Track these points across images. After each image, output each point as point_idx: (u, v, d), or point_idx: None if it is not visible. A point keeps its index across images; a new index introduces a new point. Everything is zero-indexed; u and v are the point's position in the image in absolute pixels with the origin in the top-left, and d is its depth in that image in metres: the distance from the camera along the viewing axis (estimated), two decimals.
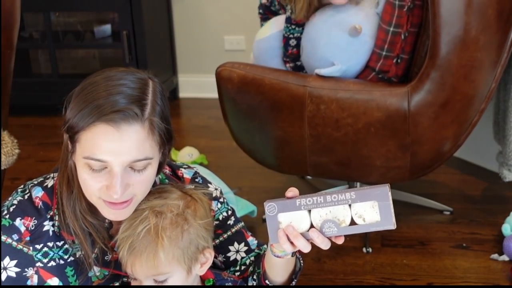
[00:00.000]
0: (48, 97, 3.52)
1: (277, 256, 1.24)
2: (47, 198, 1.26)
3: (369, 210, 1.14)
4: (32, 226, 1.24)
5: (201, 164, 2.81)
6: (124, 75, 1.20)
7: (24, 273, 1.24)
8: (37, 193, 1.26)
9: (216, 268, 1.40)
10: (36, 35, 3.77)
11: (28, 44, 3.80)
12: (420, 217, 2.38)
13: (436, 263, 2.10)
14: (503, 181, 2.34)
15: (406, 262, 2.11)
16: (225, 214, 1.41)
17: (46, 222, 1.25)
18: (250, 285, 1.39)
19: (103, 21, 3.78)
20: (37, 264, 1.25)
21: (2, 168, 1.78)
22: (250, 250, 1.43)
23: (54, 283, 1.25)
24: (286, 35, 2.14)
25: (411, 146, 1.99)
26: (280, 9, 2.28)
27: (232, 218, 1.43)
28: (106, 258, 1.29)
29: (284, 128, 2.06)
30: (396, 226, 1.13)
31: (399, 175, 2.09)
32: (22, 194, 1.27)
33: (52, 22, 3.61)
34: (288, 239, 1.17)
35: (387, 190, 1.14)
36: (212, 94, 2.72)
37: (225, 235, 1.42)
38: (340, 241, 1.17)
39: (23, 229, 1.23)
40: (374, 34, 2.00)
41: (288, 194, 1.18)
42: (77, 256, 1.26)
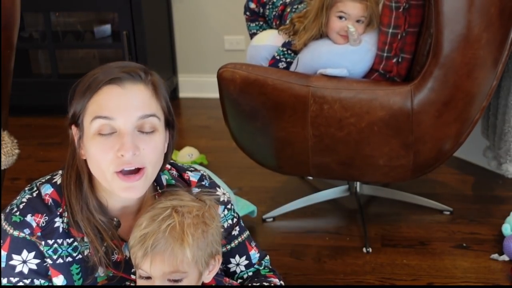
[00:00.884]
0: (48, 97, 3.53)
1: None
2: (57, 195, 1.26)
3: None
4: (43, 223, 1.23)
5: (201, 164, 2.81)
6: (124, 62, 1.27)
7: (45, 264, 1.24)
8: (47, 190, 1.26)
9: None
10: (36, 35, 3.77)
11: (28, 44, 3.79)
12: (420, 217, 2.38)
13: (436, 263, 2.10)
14: (503, 181, 2.34)
15: (406, 262, 2.11)
16: (230, 222, 1.41)
17: (57, 219, 1.25)
18: (251, 285, 1.40)
19: (103, 21, 3.78)
20: (47, 261, 1.24)
21: (2, 168, 1.77)
22: (250, 265, 1.44)
23: (60, 281, 1.25)
24: (278, 58, 2.17)
25: (414, 145, 2.00)
26: (273, 22, 2.29)
27: (237, 228, 1.42)
28: (112, 258, 1.28)
29: (287, 129, 2.06)
30: (397, 226, 1.12)
31: (402, 174, 2.09)
32: (30, 192, 1.27)
33: (52, 22, 3.61)
34: None
35: None
36: (212, 94, 2.72)
37: (228, 247, 1.42)
38: None
39: (34, 225, 1.23)
40: (376, 42, 2.03)
41: None
42: (85, 254, 1.26)
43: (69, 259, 1.25)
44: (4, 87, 1.81)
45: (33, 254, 1.23)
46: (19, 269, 1.22)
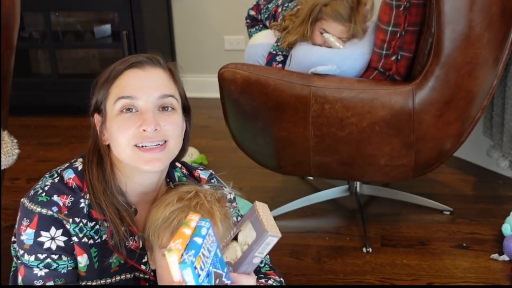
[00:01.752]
0: (48, 97, 3.52)
1: None
2: (78, 181, 1.29)
3: (250, 233, 1.14)
4: (69, 203, 1.26)
5: (201, 164, 2.81)
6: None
7: (71, 242, 1.26)
8: (69, 175, 1.29)
9: None
10: (36, 35, 3.76)
11: (28, 44, 3.79)
12: (420, 217, 2.38)
13: (436, 263, 2.10)
14: (504, 181, 2.34)
15: (406, 262, 2.11)
16: (235, 219, 1.42)
17: (82, 200, 1.27)
18: (250, 285, 1.40)
19: (103, 21, 3.77)
20: (73, 239, 1.26)
21: (2, 168, 1.77)
22: None
23: (84, 260, 1.27)
24: (274, 52, 2.20)
25: (415, 144, 2.00)
26: (268, 24, 2.32)
27: None
28: (127, 244, 1.30)
29: (288, 129, 2.06)
30: (397, 226, 1.12)
31: (403, 174, 2.09)
32: (52, 178, 1.29)
33: (52, 22, 3.60)
34: None
35: (254, 205, 1.14)
36: (212, 94, 2.72)
37: None
38: None
39: (61, 204, 1.25)
40: (370, 47, 2.05)
41: None
42: (103, 239, 1.28)
43: (91, 242, 1.28)
44: (4, 87, 1.81)
45: (61, 231, 1.25)
46: (47, 245, 1.24)
